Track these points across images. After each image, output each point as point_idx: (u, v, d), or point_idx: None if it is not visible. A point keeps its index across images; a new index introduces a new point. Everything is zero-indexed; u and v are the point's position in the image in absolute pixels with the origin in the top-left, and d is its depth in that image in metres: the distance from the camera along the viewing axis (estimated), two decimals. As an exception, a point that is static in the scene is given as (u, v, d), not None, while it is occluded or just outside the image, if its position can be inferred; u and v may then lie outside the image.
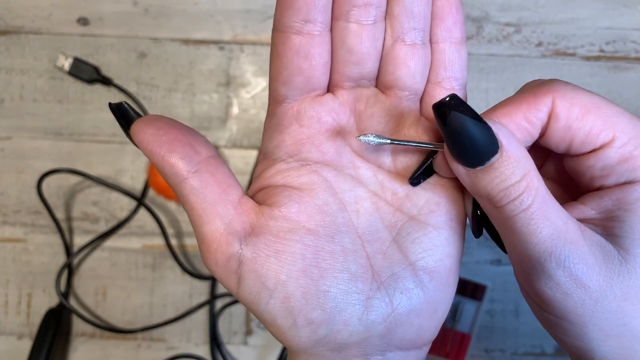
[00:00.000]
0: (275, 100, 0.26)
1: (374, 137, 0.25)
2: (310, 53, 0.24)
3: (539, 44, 0.56)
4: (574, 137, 0.23)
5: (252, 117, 0.56)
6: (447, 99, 0.22)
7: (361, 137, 0.25)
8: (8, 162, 0.55)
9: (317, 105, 0.26)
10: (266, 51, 0.56)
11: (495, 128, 0.22)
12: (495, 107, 0.24)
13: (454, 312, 0.54)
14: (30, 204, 0.55)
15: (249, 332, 0.55)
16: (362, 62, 0.25)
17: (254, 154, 0.55)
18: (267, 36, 0.56)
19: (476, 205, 0.26)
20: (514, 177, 0.22)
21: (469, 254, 0.55)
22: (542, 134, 0.24)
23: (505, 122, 0.23)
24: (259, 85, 0.56)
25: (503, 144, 0.22)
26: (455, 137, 0.22)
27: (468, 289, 0.54)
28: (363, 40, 0.25)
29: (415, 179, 0.26)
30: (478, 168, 0.22)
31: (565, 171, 0.26)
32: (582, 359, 0.24)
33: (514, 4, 0.57)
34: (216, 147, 0.56)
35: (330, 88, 0.27)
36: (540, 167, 0.27)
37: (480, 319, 0.54)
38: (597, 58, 0.57)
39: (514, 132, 0.23)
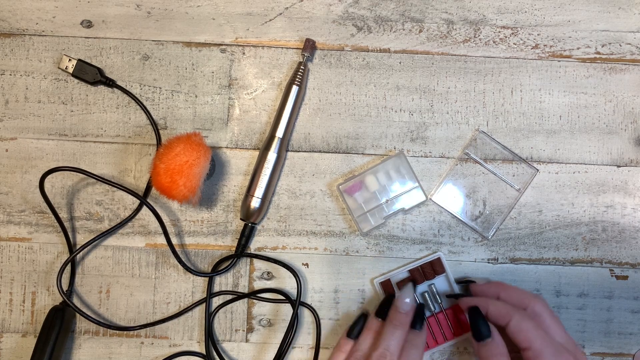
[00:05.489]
0: None
1: None
2: None
3: (536, 47, 0.57)
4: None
5: (253, 118, 0.57)
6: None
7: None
8: (13, 162, 0.56)
9: None
10: (267, 53, 0.57)
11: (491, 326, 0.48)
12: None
13: (434, 296, 0.55)
14: (34, 204, 0.56)
15: (250, 330, 0.56)
16: None
17: (255, 154, 0.56)
18: (267, 39, 0.57)
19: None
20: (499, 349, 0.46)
21: (466, 253, 0.56)
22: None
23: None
24: (260, 87, 0.57)
25: (493, 334, 0.47)
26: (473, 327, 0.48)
27: (428, 271, 0.55)
28: None
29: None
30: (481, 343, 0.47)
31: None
32: None
33: (511, 7, 0.57)
34: (218, 148, 0.56)
35: None
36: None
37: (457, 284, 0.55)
38: (592, 60, 0.57)
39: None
